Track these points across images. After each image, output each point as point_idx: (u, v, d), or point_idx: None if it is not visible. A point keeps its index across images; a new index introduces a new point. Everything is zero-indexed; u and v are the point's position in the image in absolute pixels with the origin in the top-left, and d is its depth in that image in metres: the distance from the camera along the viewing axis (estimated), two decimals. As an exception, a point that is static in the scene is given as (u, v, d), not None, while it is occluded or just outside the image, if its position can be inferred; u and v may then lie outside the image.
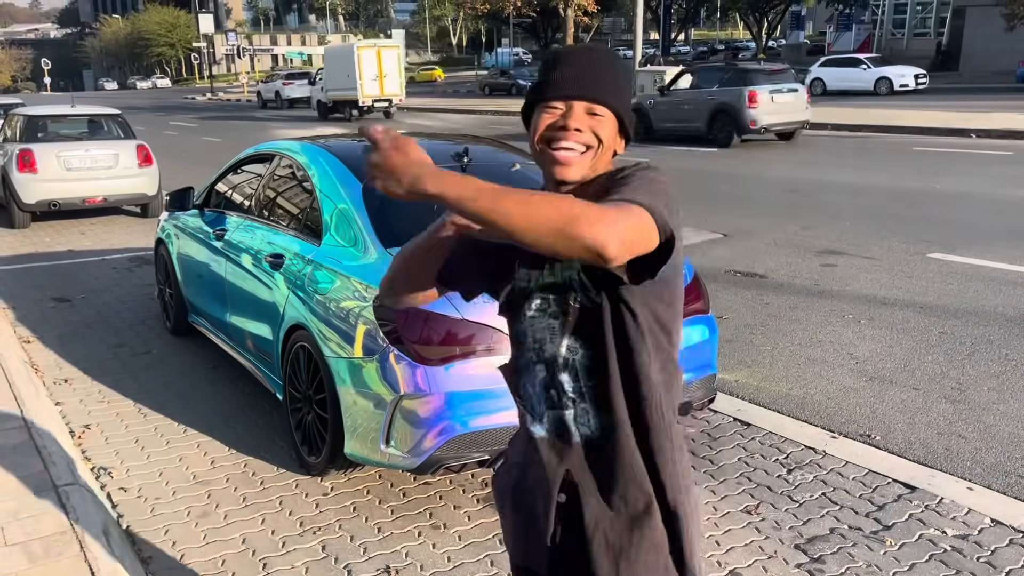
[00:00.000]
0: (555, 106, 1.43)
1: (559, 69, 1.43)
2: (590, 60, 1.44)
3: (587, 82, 1.41)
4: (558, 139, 1.41)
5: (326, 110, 30.28)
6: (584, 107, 1.42)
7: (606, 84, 1.43)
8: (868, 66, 30.47)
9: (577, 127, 1.41)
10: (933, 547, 3.10)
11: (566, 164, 1.41)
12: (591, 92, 1.41)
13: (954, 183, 11.24)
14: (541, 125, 1.43)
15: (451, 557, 3.12)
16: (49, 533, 3.05)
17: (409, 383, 3.14)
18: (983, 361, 4.97)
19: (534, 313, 1.49)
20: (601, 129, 1.42)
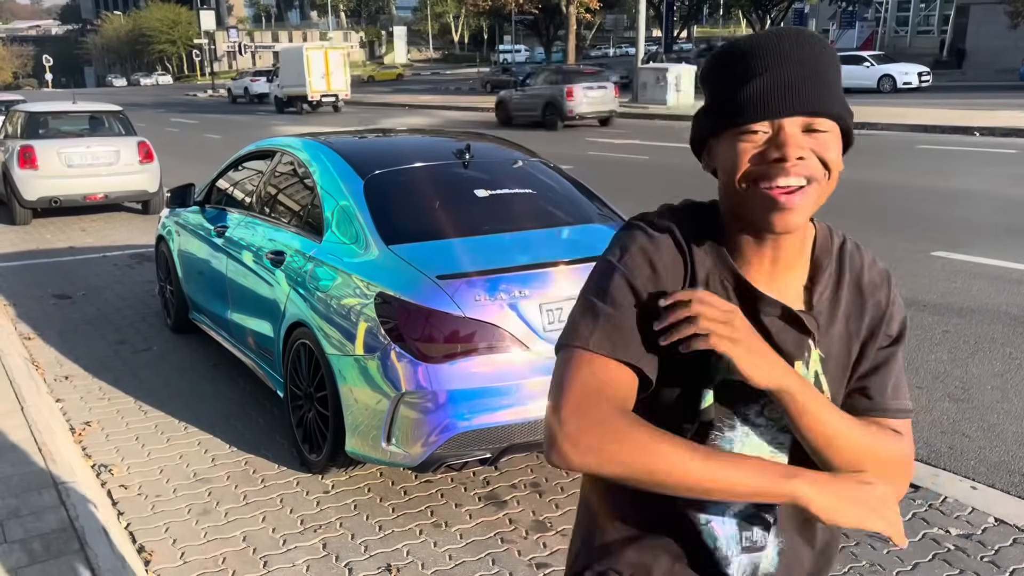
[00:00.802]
0: (755, 129, 1.05)
1: (753, 77, 1.03)
2: (796, 54, 1.04)
3: (800, 88, 1.03)
4: (771, 175, 1.04)
5: (282, 104, 33.58)
6: (801, 123, 1.04)
7: (824, 86, 1.04)
8: (871, 63, 30.42)
9: (799, 155, 1.03)
10: (937, 546, 3.08)
11: (789, 209, 1.04)
12: (809, 104, 1.03)
13: (957, 181, 11.21)
14: (743, 159, 1.05)
15: (452, 555, 3.11)
16: (49, 530, 3.05)
17: (411, 381, 3.12)
18: (987, 360, 4.96)
19: (763, 421, 1.14)
20: (828, 151, 1.05)
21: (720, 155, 1.10)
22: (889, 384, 1.18)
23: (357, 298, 3.38)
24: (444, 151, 4.33)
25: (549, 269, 3.31)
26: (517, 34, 66.98)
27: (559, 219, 3.90)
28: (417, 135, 5.19)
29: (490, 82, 44.93)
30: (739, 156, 1.06)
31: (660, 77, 27.44)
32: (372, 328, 3.25)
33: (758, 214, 1.06)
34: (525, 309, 3.21)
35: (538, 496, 3.53)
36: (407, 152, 4.37)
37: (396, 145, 4.81)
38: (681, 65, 29.02)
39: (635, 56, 29.67)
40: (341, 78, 32.46)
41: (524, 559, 3.08)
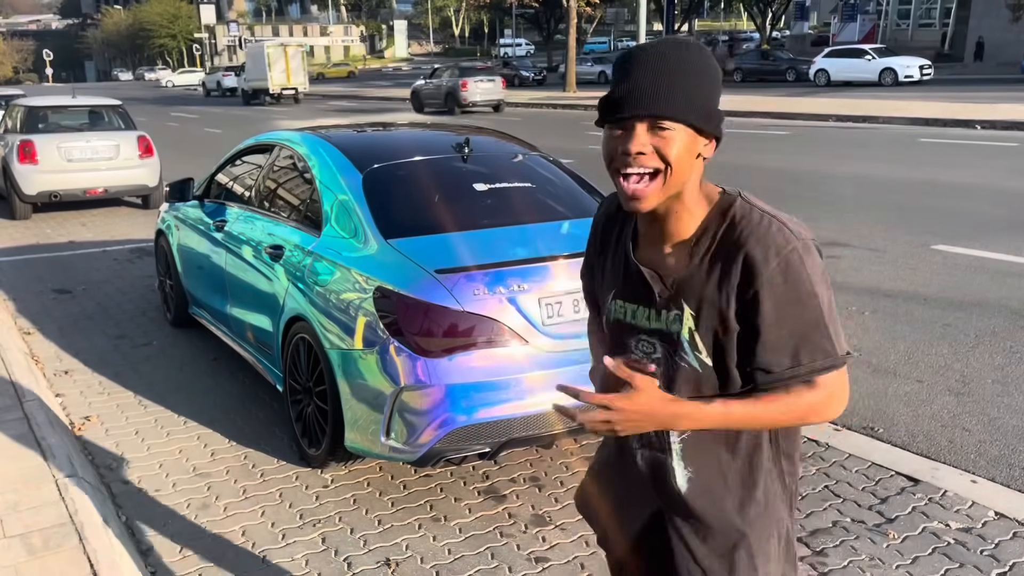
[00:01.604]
0: (615, 128, 1.31)
1: (619, 82, 1.29)
2: (652, 62, 1.26)
3: (646, 95, 1.25)
4: (621, 166, 1.30)
5: (248, 96, 37.54)
6: (647, 124, 1.28)
7: (672, 92, 1.25)
8: (873, 57, 30.34)
9: (639, 150, 1.28)
10: (936, 540, 3.08)
11: (636, 198, 1.31)
12: (649, 107, 1.26)
13: (958, 175, 11.19)
14: (606, 150, 1.33)
15: (451, 549, 3.11)
16: (48, 525, 3.04)
17: (410, 375, 3.12)
18: (987, 353, 4.95)
19: (639, 354, 1.44)
20: (668, 148, 1.28)
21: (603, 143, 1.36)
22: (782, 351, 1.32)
23: (356, 292, 3.37)
24: (443, 145, 4.32)
25: (548, 263, 3.30)
26: (518, 28, 66.84)
27: (559, 213, 3.89)
28: (417, 129, 5.17)
29: (491, 76, 44.86)
30: (604, 147, 1.33)
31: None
32: (371, 322, 3.24)
33: (621, 199, 1.34)
34: (524, 303, 3.20)
35: (537, 490, 3.53)
36: (406, 146, 4.36)
37: (395, 139, 4.79)
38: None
39: (636, 50, 29.53)
40: (300, 73, 36.48)
41: (523, 553, 3.07)
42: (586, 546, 3.10)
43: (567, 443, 3.87)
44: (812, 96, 25.95)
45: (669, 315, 1.38)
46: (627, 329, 1.44)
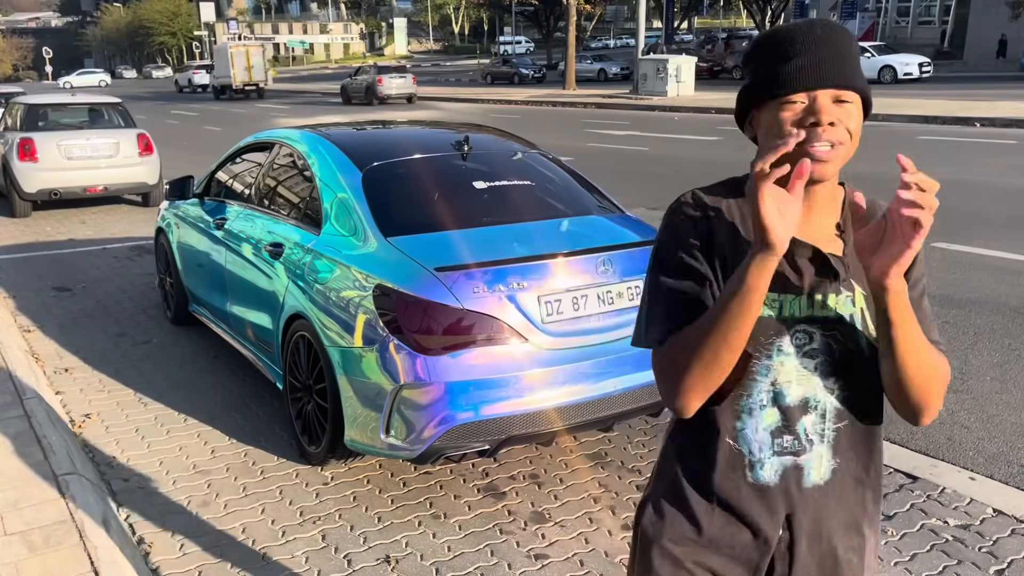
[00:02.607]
0: (794, 99, 1.24)
1: (792, 57, 1.23)
2: (826, 39, 1.24)
3: (830, 66, 1.23)
4: (809, 138, 1.22)
5: (217, 92, 41.20)
6: (831, 95, 1.23)
7: (850, 63, 1.24)
8: (872, 54, 30.32)
9: (831, 120, 1.22)
10: (935, 537, 3.09)
11: (824, 161, 1.22)
12: (837, 77, 1.23)
13: (957, 172, 11.19)
14: (785, 125, 1.24)
15: (451, 547, 3.11)
16: (49, 522, 3.05)
17: (409, 372, 3.12)
18: (986, 351, 4.96)
19: (790, 349, 1.30)
20: (852, 120, 1.24)
21: (763, 124, 1.28)
22: (924, 320, 1.31)
23: (356, 290, 3.37)
24: (443, 143, 4.32)
25: (548, 261, 3.31)
26: (517, 25, 66.80)
27: (558, 211, 3.90)
28: (416, 127, 5.17)
29: (490, 74, 44.84)
30: (782, 124, 1.24)
31: (660, 68, 27.39)
32: (371, 320, 3.24)
33: (799, 170, 1.16)
34: (524, 301, 3.21)
35: (537, 487, 3.54)
36: (406, 144, 4.36)
37: (395, 137, 4.80)
38: (681, 56, 28.95)
39: (635, 47, 29.58)
40: (260, 70, 40.17)
41: (523, 550, 3.08)
42: (585, 543, 3.11)
43: (567, 440, 3.88)
44: (812, 94, 25.87)
45: (838, 298, 1.30)
46: (773, 325, 1.29)
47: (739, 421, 1.33)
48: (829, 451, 1.33)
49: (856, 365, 1.31)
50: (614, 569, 2.95)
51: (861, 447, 1.36)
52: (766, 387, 1.31)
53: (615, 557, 3.01)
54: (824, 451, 1.33)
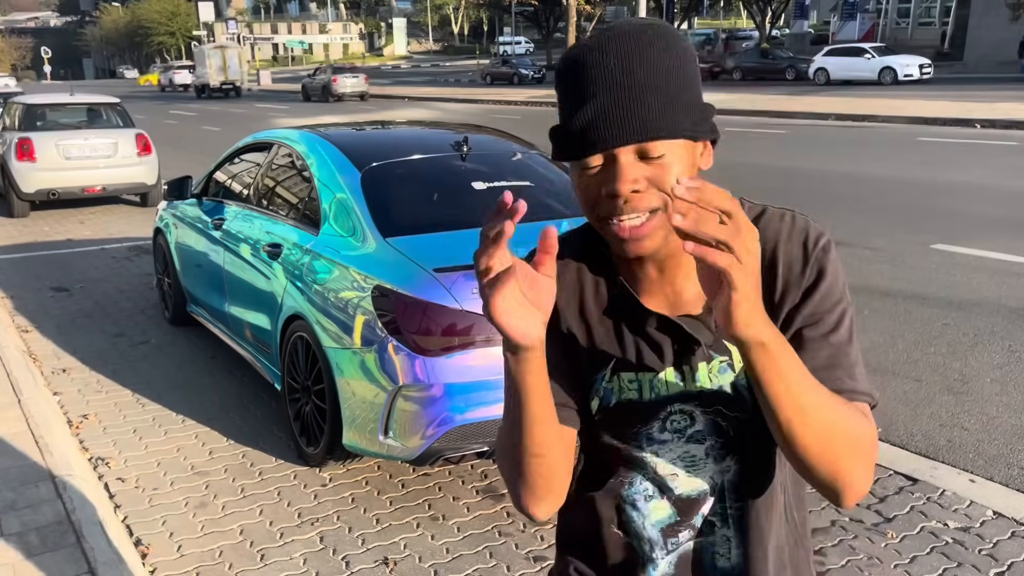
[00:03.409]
0: (588, 163, 0.97)
1: (578, 103, 0.95)
2: (624, 68, 0.94)
3: (624, 116, 0.93)
4: (611, 211, 0.97)
5: (198, 91, 44.68)
6: (633, 151, 0.95)
7: (658, 103, 0.93)
8: (872, 55, 30.33)
9: (633, 188, 0.95)
10: (935, 539, 3.08)
11: (638, 240, 0.98)
12: (635, 132, 0.93)
13: (958, 173, 11.18)
14: (586, 196, 0.99)
15: (450, 549, 3.10)
16: (46, 523, 3.04)
17: (408, 374, 3.11)
18: (986, 352, 4.95)
19: (667, 436, 1.07)
20: (666, 177, 0.95)
21: (574, 184, 1.03)
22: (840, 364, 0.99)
23: (354, 291, 3.36)
24: (442, 143, 4.31)
25: (547, 262, 3.29)
26: (517, 26, 66.82)
27: (557, 211, 3.88)
28: (416, 127, 5.16)
29: (490, 74, 44.84)
30: (582, 193, 1.00)
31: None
32: (369, 321, 3.23)
33: (614, 245, 1.01)
34: (523, 302, 3.19)
35: (536, 489, 3.53)
36: (404, 144, 4.35)
37: (394, 137, 4.79)
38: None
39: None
40: (236, 71, 43.67)
41: (521, 552, 3.07)
42: (584, 545, 3.10)
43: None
44: (811, 95, 25.93)
45: (710, 365, 1.04)
46: (644, 409, 1.07)
47: (623, 514, 1.12)
48: (737, 534, 1.10)
49: (757, 439, 1.05)
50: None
51: (779, 521, 1.12)
52: (648, 477, 1.09)
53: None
54: (730, 534, 1.10)
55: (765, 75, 35.20)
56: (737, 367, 1.04)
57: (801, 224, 1.05)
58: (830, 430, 0.92)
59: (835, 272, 1.02)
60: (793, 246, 1.03)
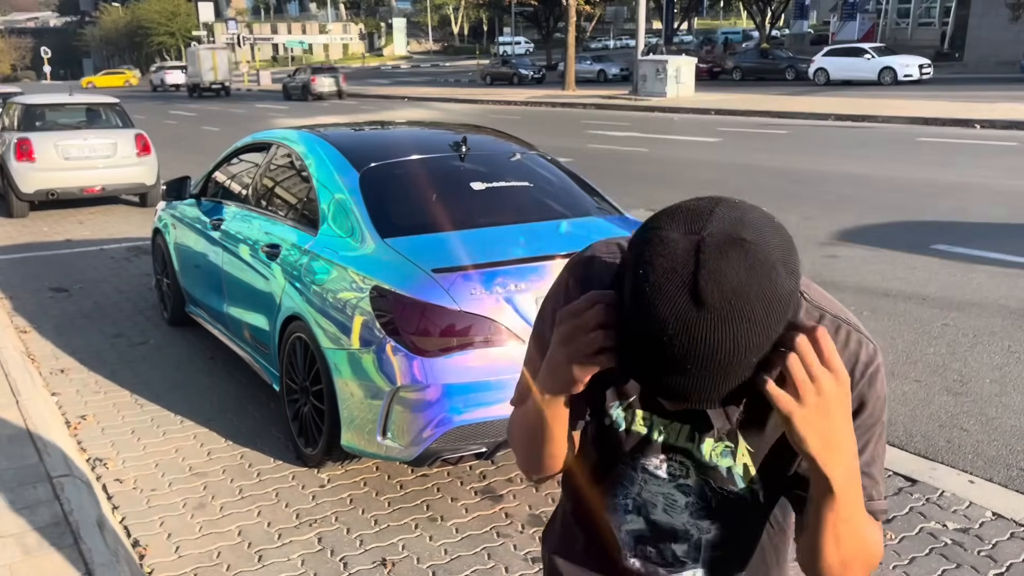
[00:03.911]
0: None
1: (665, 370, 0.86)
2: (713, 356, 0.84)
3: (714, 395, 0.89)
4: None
5: (190, 90, 46.10)
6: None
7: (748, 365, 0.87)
8: (872, 56, 30.33)
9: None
10: (934, 540, 3.07)
11: None
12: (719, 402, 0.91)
13: (957, 174, 11.18)
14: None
15: (448, 550, 3.10)
16: (43, 524, 3.03)
17: (406, 375, 3.11)
18: (985, 353, 4.94)
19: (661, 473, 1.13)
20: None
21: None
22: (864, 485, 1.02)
23: (353, 292, 3.36)
24: (441, 144, 4.30)
25: (545, 262, 3.29)
26: (517, 26, 66.81)
27: (556, 212, 3.88)
28: (415, 128, 5.15)
29: (490, 74, 44.83)
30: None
31: (660, 69, 27.38)
32: (368, 322, 3.23)
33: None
34: (521, 303, 3.19)
35: (534, 490, 3.52)
36: (403, 145, 4.35)
37: (392, 138, 4.78)
38: (681, 57, 28.94)
39: (635, 48, 29.57)
40: (224, 71, 45.47)
41: (519, 553, 3.07)
42: (583, 546, 3.09)
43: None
44: (811, 95, 25.94)
45: (717, 445, 1.08)
46: (644, 443, 1.11)
47: (607, 509, 1.19)
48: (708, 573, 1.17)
49: (739, 514, 1.12)
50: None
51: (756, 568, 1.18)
52: (632, 494, 1.16)
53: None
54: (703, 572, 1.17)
55: (765, 75, 35.22)
56: (739, 460, 1.08)
57: (853, 347, 1.04)
58: (854, 553, 1.00)
59: (875, 400, 1.02)
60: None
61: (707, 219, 0.85)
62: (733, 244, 0.83)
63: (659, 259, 0.84)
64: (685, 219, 0.86)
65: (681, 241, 0.84)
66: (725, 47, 40.83)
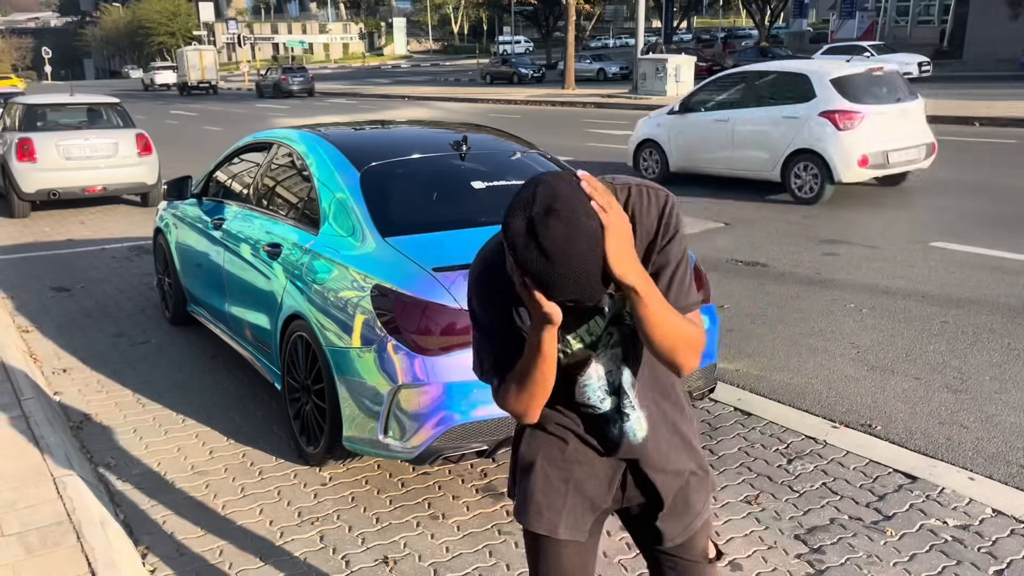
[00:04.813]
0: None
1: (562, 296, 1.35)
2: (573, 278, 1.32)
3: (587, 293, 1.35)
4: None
5: (180, 89, 49.31)
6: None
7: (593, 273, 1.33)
8: (871, 54, 30.32)
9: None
10: (934, 537, 3.08)
11: None
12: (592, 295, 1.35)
13: (957, 171, 11.18)
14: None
15: (449, 548, 3.11)
16: (46, 523, 3.05)
17: (407, 373, 3.12)
18: (985, 350, 4.95)
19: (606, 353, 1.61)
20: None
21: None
22: (673, 287, 1.52)
23: (354, 290, 3.37)
24: (441, 143, 4.31)
25: (546, 261, 3.29)
26: (517, 25, 66.78)
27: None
28: (415, 127, 5.16)
29: (490, 73, 44.86)
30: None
31: (660, 68, 27.39)
32: (369, 320, 3.24)
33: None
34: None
35: (535, 488, 3.53)
36: (404, 144, 4.36)
37: (393, 137, 4.79)
38: (681, 56, 28.95)
39: (635, 47, 29.57)
40: (212, 70, 48.77)
41: (521, 551, 3.07)
42: (584, 544, 3.10)
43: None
44: (811, 93, 25.89)
45: (614, 300, 1.55)
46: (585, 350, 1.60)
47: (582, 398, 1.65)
48: (641, 414, 1.65)
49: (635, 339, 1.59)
50: (612, 569, 2.95)
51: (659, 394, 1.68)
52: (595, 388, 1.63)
53: (614, 557, 3.01)
54: (639, 415, 1.65)
55: (765, 73, 35.18)
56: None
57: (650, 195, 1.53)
58: (674, 335, 1.45)
59: (669, 227, 1.51)
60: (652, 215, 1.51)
61: (532, 202, 1.32)
62: (549, 213, 1.30)
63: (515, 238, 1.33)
64: (521, 207, 1.33)
65: (521, 220, 1.32)
66: (724, 45, 40.80)
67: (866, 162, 9.17)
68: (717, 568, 1.83)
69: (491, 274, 1.55)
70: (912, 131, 9.71)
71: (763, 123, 9.96)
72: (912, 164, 9.73)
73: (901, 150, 9.47)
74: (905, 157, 9.54)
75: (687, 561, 1.77)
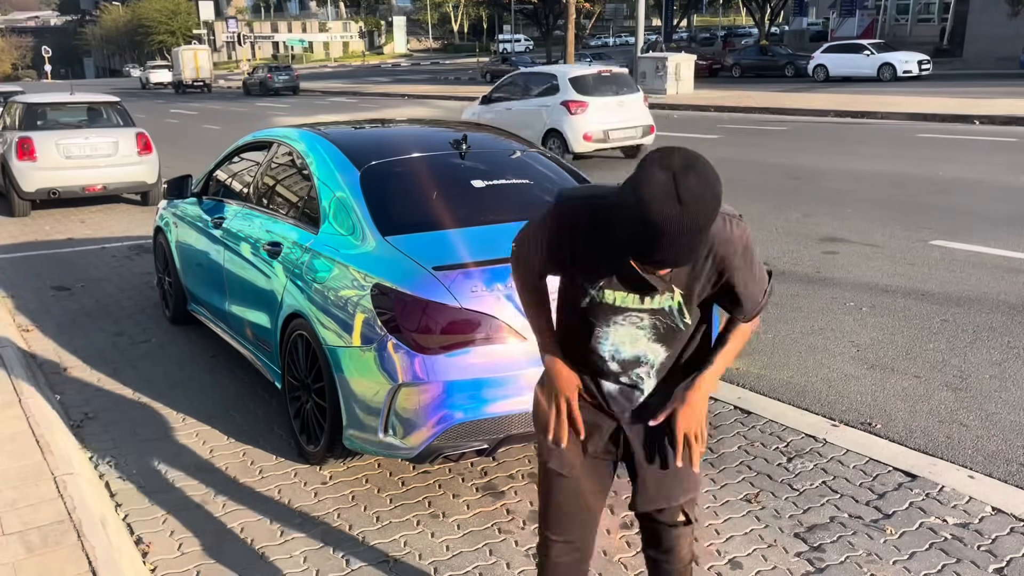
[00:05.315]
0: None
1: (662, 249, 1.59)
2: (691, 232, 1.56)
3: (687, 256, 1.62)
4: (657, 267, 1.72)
5: (176, 87, 51.53)
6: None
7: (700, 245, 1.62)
8: (871, 52, 30.30)
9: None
10: (934, 536, 3.08)
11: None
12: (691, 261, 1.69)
13: (957, 170, 11.18)
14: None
15: (450, 546, 3.11)
16: (47, 522, 3.05)
17: (407, 372, 3.12)
18: (985, 349, 4.95)
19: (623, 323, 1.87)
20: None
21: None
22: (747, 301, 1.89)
23: (354, 289, 3.37)
24: (441, 142, 4.31)
25: (546, 260, 3.30)
26: (516, 23, 66.72)
27: (556, 209, 3.89)
28: (415, 126, 5.16)
29: (490, 72, 44.80)
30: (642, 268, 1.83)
31: (660, 66, 27.37)
32: (369, 319, 3.24)
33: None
34: (522, 300, 3.20)
35: (535, 486, 3.53)
36: (404, 142, 4.36)
37: (393, 136, 4.79)
38: (681, 54, 28.93)
39: (635, 45, 29.54)
40: (206, 69, 50.26)
41: (521, 549, 3.08)
42: (584, 542, 3.10)
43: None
44: (810, 91, 25.93)
45: (662, 297, 1.82)
46: (612, 309, 1.85)
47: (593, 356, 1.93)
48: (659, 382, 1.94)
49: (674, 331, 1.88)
50: (613, 568, 2.95)
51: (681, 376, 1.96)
52: (608, 348, 1.90)
53: (614, 556, 3.01)
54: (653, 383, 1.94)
55: (764, 72, 35.18)
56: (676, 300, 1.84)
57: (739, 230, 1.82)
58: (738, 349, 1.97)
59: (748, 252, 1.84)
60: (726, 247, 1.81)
61: (672, 158, 1.57)
62: (690, 170, 1.55)
63: (654, 183, 1.54)
64: (658, 163, 1.57)
65: (662, 173, 1.55)
66: (724, 44, 40.77)
67: (590, 138, 12.71)
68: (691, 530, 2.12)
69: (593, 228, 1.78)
70: (629, 116, 13.24)
71: (529, 109, 13.51)
72: (631, 140, 13.29)
73: (618, 130, 13.07)
74: (623, 135, 13.15)
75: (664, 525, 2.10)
